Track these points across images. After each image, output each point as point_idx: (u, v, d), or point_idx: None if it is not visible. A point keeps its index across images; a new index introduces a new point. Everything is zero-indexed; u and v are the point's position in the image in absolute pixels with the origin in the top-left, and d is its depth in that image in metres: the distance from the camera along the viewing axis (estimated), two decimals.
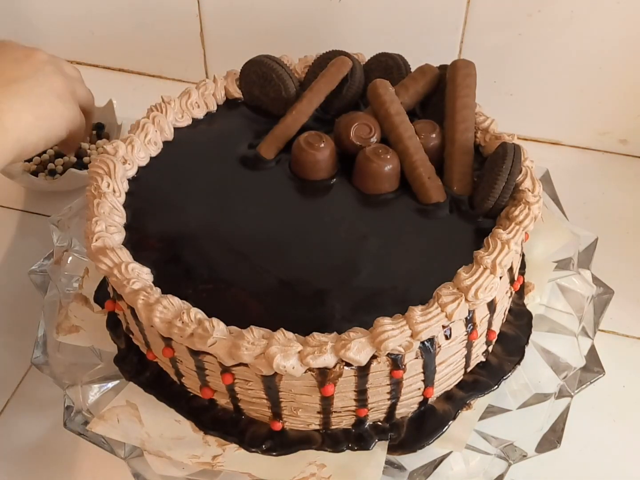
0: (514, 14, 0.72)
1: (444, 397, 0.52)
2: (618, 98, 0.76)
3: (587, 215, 0.72)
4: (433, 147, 0.56)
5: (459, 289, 0.46)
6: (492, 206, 0.52)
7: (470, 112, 0.57)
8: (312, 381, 0.45)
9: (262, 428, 0.50)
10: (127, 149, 0.56)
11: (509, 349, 0.54)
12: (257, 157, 0.58)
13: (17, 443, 0.57)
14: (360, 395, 0.47)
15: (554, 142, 0.82)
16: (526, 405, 0.53)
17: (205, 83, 0.63)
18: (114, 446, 0.51)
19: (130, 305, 0.48)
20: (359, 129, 0.56)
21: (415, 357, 0.46)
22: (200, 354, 0.46)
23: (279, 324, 0.45)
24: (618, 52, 0.72)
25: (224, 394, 0.49)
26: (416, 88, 0.59)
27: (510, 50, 0.75)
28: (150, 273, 0.49)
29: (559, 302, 0.59)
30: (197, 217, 0.54)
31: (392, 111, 0.56)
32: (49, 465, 0.56)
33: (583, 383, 0.54)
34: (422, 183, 0.54)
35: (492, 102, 0.61)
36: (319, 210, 0.55)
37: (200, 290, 0.49)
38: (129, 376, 0.53)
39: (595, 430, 0.57)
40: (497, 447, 0.51)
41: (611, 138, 0.79)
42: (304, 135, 0.56)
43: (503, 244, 0.48)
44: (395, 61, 0.62)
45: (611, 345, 0.62)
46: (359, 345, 0.44)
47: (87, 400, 0.53)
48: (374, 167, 0.54)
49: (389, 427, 0.50)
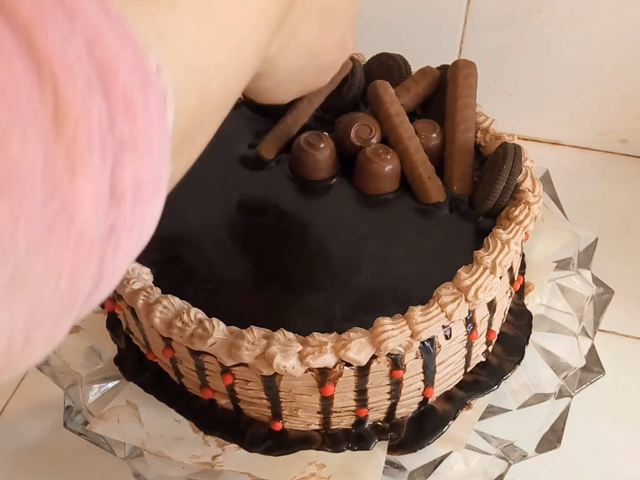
0: (514, 14, 0.72)
1: (444, 397, 0.52)
2: (618, 98, 0.76)
3: (587, 215, 0.72)
4: (433, 147, 0.56)
5: (459, 289, 0.46)
6: (492, 206, 0.52)
7: (471, 112, 0.57)
8: (312, 381, 0.45)
9: (262, 428, 0.50)
10: None
11: (509, 349, 0.54)
12: (257, 157, 0.58)
13: (17, 443, 0.57)
14: (360, 395, 0.47)
15: (554, 142, 0.82)
16: (526, 405, 0.53)
17: None
18: (114, 446, 0.51)
19: (130, 305, 0.48)
20: (360, 129, 0.56)
21: (415, 357, 0.46)
22: (200, 354, 0.46)
23: (279, 324, 0.45)
24: (618, 52, 0.72)
25: (224, 394, 0.49)
26: (417, 90, 0.59)
27: (510, 50, 0.75)
28: (150, 273, 0.49)
29: (559, 302, 0.59)
30: (197, 217, 0.54)
31: (392, 112, 0.56)
32: (49, 465, 0.56)
33: (583, 383, 0.54)
34: (422, 183, 0.54)
35: (492, 102, 0.61)
36: (318, 210, 0.55)
37: (200, 290, 0.49)
38: (129, 376, 0.53)
39: (595, 430, 0.57)
40: (497, 447, 0.51)
41: (611, 138, 0.79)
42: (304, 135, 0.56)
43: (503, 244, 0.48)
44: (395, 61, 0.62)
45: (611, 345, 0.62)
46: (359, 345, 0.44)
47: (87, 400, 0.53)
48: (374, 168, 0.54)
49: (389, 427, 0.50)
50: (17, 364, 0.20)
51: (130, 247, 0.22)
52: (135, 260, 0.49)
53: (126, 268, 0.23)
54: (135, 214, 0.21)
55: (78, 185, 0.19)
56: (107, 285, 0.22)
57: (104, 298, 0.22)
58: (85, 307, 0.21)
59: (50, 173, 0.18)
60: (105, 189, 0.20)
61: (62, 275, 0.19)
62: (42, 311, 0.19)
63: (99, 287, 0.21)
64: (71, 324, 0.21)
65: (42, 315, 0.19)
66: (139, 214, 0.22)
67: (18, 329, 0.19)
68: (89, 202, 0.19)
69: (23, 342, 0.19)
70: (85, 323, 0.57)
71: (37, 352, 0.20)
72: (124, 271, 0.23)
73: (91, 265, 0.20)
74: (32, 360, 0.20)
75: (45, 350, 0.21)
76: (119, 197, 0.20)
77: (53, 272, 0.19)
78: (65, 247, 0.19)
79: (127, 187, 0.20)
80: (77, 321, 0.22)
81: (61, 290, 0.19)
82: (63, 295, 0.20)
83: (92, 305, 0.22)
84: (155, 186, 0.22)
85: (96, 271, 0.20)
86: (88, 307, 0.22)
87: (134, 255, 0.23)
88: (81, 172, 0.19)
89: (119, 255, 0.21)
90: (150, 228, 0.23)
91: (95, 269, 0.20)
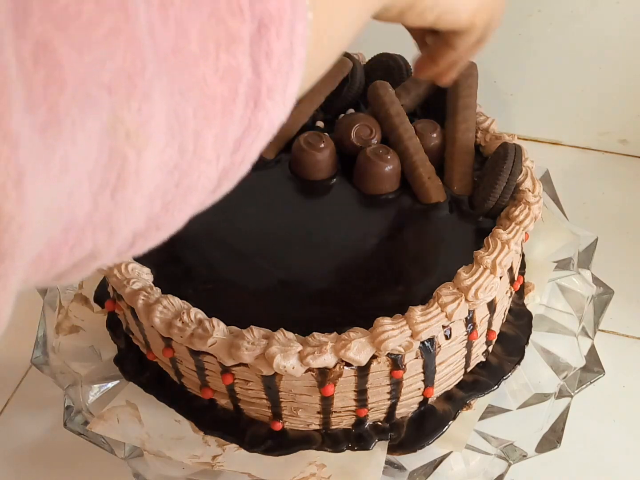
0: (514, 14, 0.72)
1: (444, 397, 0.52)
2: (618, 98, 0.76)
3: (587, 215, 0.72)
4: (434, 147, 0.56)
5: (459, 289, 0.46)
6: (492, 206, 0.52)
7: (471, 112, 0.57)
8: (312, 381, 0.45)
9: (262, 428, 0.50)
10: None
11: (509, 349, 0.54)
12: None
13: (17, 443, 0.57)
14: (360, 395, 0.47)
15: (554, 142, 0.82)
16: (526, 405, 0.53)
17: None
18: (114, 446, 0.51)
19: (130, 305, 0.48)
20: (360, 130, 0.56)
21: (415, 357, 0.46)
22: (200, 354, 0.46)
23: (279, 324, 0.45)
24: (618, 52, 0.72)
25: (224, 394, 0.49)
26: (417, 91, 0.59)
27: (510, 50, 0.75)
28: (150, 273, 0.49)
29: (559, 302, 0.59)
30: (197, 217, 0.54)
31: (392, 112, 0.56)
32: (49, 465, 0.56)
33: (583, 383, 0.54)
34: (422, 183, 0.54)
35: (492, 102, 0.61)
36: (319, 210, 0.55)
37: (200, 290, 0.49)
38: (129, 376, 0.53)
39: (595, 430, 0.57)
40: (497, 447, 0.51)
41: (611, 138, 0.79)
42: (304, 135, 0.56)
43: (503, 244, 0.48)
44: (396, 62, 0.62)
45: (611, 345, 0.62)
46: (359, 345, 0.44)
47: (87, 400, 0.53)
48: (374, 168, 0.54)
49: (389, 427, 0.50)
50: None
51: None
52: (135, 260, 0.49)
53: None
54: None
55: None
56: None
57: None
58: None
59: None
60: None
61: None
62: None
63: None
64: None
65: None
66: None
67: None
68: None
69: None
70: (85, 323, 0.57)
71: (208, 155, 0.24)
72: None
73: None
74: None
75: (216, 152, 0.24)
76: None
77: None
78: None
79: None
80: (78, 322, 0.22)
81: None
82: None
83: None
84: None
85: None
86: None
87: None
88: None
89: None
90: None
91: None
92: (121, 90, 0.20)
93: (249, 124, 0.25)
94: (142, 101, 0.20)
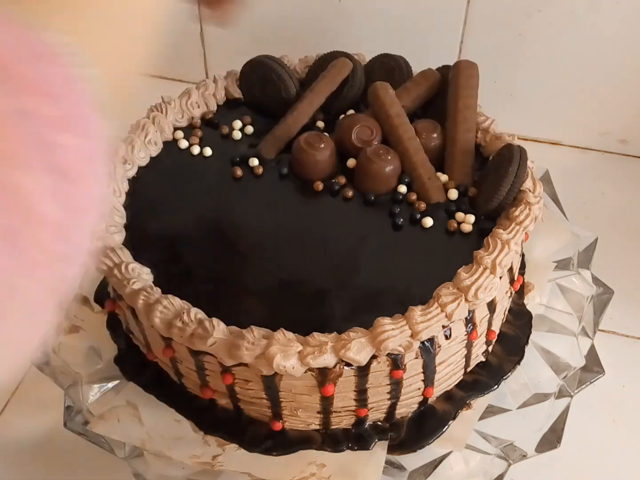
0: (514, 14, 0.72)
1: (444, 397, 0.52)
2: (618, 98, 0.76)
3: (587, 215, 0.72)
4: (434, 147, 0.56)
5: (459, 289, 0.46)
6: (495, 207, 0.52)
7: (472, 113, 0.57)
8: (312, 381, 0.45)
9: (262, 428, 0.50)
10: (127, 149, 0.56)
11: (509, 349, 0.54)
12: (257, 157, 0.58)
13: (17, 443, 0.57)
14: (360, 395, 0.47)
15: (554, 142, 0.82)
16: (526, 405, 0.53)
17: (206, 83, 0.62)
18: (114, 446, 0.51)
19: (130, 305, 0.48)
20: (361, 131, 0.56)
21: (415, 357, 0.46)
22: (200, 354, 0.46)
23: (279, 324, 0.45)
24: (618, 52, 0.72)
25: (224, 394, 0.49)
26: (418, 92, 0.60)
27: (510, 50, 0.75)
28: (150, 273, 0.49)
29: (558, 302, 0.59)
30: (197, 217, 0.54)
31: (392, 113, 0.56)
32: (49, 465, 0.56)
33: (583, 383, 0.54)
34: (422, 183, 0.54)
35: (492, 102, 0.61)
36: (318, 210, 0.55)
37: (200, 290, 0.49)
38: (129, 376, 0.53)
39: (595, 430, 0.57)
40: (497, 447, 0.51)
41: (611, 138, 0.79)
42: (304, 135, 0.56)
43: (503, 244, 0.48)
44: (397, 63, 0.62)
45: (611, 345, 0.62)
46: (359, 345, 0.44)
47: (87, 400, 0.53)
48: (375, 168, 0.54)
49: (389, 427, 0.50)
50: None
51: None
52: (135, 260, 0.49)
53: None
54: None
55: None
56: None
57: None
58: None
59: None
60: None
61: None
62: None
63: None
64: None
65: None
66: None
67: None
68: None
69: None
70: (85, 323, 0.57)
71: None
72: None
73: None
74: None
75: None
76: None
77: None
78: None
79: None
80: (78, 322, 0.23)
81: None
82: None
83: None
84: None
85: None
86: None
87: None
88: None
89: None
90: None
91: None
92: None
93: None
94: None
